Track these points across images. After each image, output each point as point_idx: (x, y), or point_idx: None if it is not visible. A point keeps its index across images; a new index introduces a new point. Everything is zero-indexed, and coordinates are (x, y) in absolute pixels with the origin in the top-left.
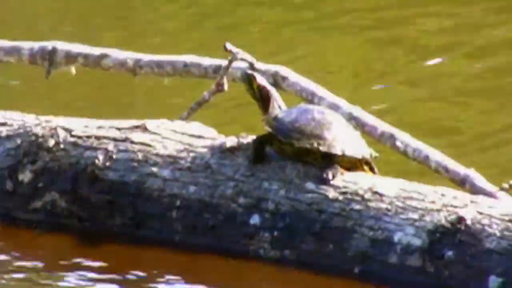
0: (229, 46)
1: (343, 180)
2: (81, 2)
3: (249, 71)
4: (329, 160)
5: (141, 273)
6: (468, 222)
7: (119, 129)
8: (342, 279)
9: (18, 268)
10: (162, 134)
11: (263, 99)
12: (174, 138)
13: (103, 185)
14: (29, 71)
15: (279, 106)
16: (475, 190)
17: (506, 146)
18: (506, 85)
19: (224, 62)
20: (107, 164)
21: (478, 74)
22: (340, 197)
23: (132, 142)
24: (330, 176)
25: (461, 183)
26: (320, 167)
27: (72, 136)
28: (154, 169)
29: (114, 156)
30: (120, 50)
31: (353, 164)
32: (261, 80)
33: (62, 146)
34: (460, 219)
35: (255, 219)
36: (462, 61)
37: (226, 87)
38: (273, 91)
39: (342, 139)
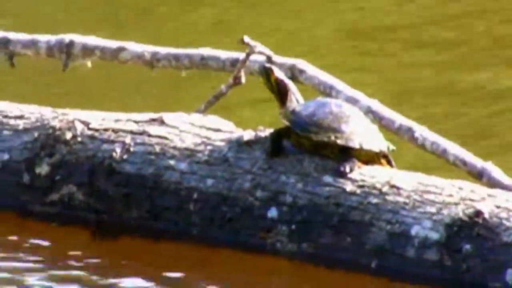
0: (246, 39)
1: (360, 173)
2: None
3: (267, 64)
4: (347, 153)
5: (158, 266)
6: (486, 215)
7: (136, 122)
8: (359, 273)
9: (34, 261)
10: (179, 127)
11: (281, 92)
12: (191, 131)
13: (120, 178)
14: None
15: (296, 99)
16: (492, 183)
17: None
18: None
19: (241, 55)
20: (124, 157)
21: None
22: (358, 191)
23: (150, 135)
24: (347, 170)
25: (478, 176)
26: (338, 160)
27: (89, 129)
28: (172, 162)
29: (131, 149)
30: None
31: (370, 158)
32: (278, 73)
33: (79, 139)
34: (478, 213)
35: (272, 212)
36: None
37: (243, 80)
38: (290, 84)
39: (359, 132)
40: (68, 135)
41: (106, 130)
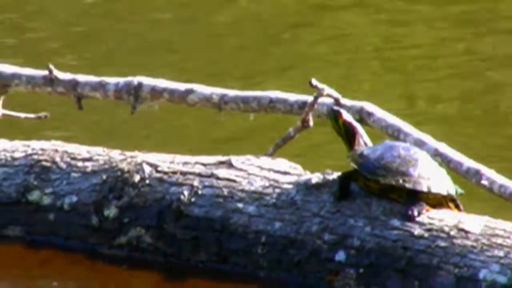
0: (314, 82)
1: (428, 217)
2: None
3: (335, 107)
4: (415, 197)
5: None
6: None
7: (204, 164)
8: None
9: None
10: (247, 170)
11: (348, 135)
12: (259, 174)
13: (189, 221)
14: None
15: (364, 142)
16: None
17: None
18: None
19: (309, 98)
20: (193, 200)
21: None
22: (426, 234)
23: (218, 178)
24: (415, 213)
25: None
26: (406, 204)
27: (157, 171)
28: (240, 205)
29: (199, 192)
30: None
31: (438, 201)
32: (346, 116)
33: (147, 181)
34: None
35: (340, 256)
36: None
37: (311, 123)
38: (358, 127)
39: (427, 176)
40: (137, 178)
41: (174, 173)
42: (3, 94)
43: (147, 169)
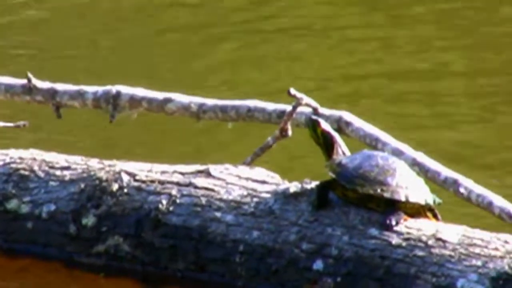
0: (293, 91)
1: (406, 226)
2: None
3: (313, 116)
4: (393, 206)
5: None
6: None
7: (182, 174)
8: None
9: None
10: (225, 179)
11: (327, 144)
12: (237, 183)
13: (167, 230)
14: None
15: (342, 151)
16: None
17: None
18: None
19: (288, 107)
20: (171, 208)
21: None
22: (403, 243)
23: (196, 187)
24: (393, 222)
25: None
26: (384, 213)
27: (135, 180)
28: (218, 214)
29: (177, 201)
30: (183, 94)
31: (416, 211)
32: (325, 125)
33: (125, 190)
34: None
35: (318, 265)
36: None
37: (290, 132)
38: (336, 136)
39: (405, 185)
40: (115, 187)
41: (152, 181)
42: None
43: (125, 178)
